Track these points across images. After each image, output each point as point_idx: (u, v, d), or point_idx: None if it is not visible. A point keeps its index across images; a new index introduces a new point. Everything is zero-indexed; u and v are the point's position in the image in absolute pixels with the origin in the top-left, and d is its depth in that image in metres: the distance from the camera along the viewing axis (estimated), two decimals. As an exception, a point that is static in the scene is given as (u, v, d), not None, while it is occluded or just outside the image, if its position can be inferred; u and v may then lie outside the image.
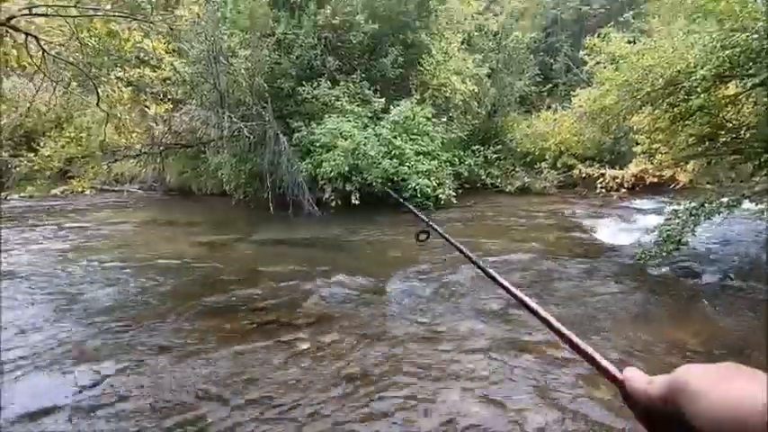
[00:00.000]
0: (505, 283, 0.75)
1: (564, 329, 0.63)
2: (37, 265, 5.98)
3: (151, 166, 12.68)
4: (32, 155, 11.10)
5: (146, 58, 7.58)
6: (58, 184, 12.88)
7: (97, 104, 4.07)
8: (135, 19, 3.41)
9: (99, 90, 3.76)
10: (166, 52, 5.62)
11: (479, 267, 0.85)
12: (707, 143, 5.81)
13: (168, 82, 8.60)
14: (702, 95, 5.00)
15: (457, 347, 3.70)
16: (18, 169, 10.87)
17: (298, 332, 3.96)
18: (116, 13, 3.07)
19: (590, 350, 0.60)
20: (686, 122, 5.51)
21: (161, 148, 11.30)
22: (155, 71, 7.56)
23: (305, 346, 3.72)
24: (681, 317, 4.39)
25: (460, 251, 0.99)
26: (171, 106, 9.15)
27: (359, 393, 3.09)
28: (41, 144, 11.41)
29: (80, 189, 13.28)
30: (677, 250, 5.08)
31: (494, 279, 0.79)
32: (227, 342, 3.79)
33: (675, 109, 5.31)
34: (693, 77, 4.52)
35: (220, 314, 4.39)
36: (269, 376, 3.28)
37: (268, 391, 3.10)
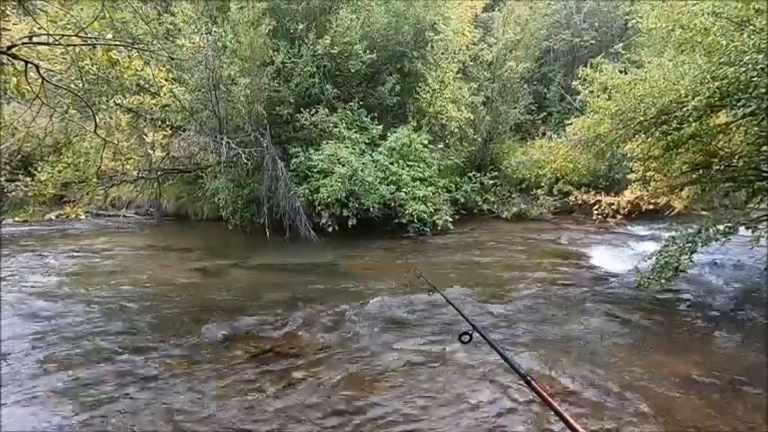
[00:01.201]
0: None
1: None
2: (25, 292, 5.86)
3: (148, 192, 12.69)
4: (29, 179, 11.11)
5: (146, 85, 7.69)
6: (54, 208, 12.81)
7: (94, 131, 4.08)
8: (137, 48, 3.47)
9: (97, 117, 3.78)
10: (166, 80, 5.70)
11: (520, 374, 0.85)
12: (700, 171, 5.88)
13: (167, 109, 8.70)
14: (694, 124, 5.08)
15: (459, 375, 3.61)
16: (13, 194, 10.84)
17: (293, 361, 3.86)
18: (118, 43, 3.12)
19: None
20: (679, 150, 5.59)
21: (158, 173, 11.33)
22: (154, 98, 7.66)
23: (299, 375, 3.61)
24: (680, 346, 4.32)
25: (503, 357, 0.98)
26: (169, 132, 9.24)
27: (355, 424, 2.98)
28: (38, 169, 11.45)
29: (75, 215, 13.24)
30: (675, 277, 5.05)
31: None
32: (220, 371, 3.68)
33: (668, 137, 5.39)
34: (685, 108, 4.61)
35: (213, 343, 4.28)
36: (262, 407, 3.17)
37: (261, 422, 2.99)
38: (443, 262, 7.60)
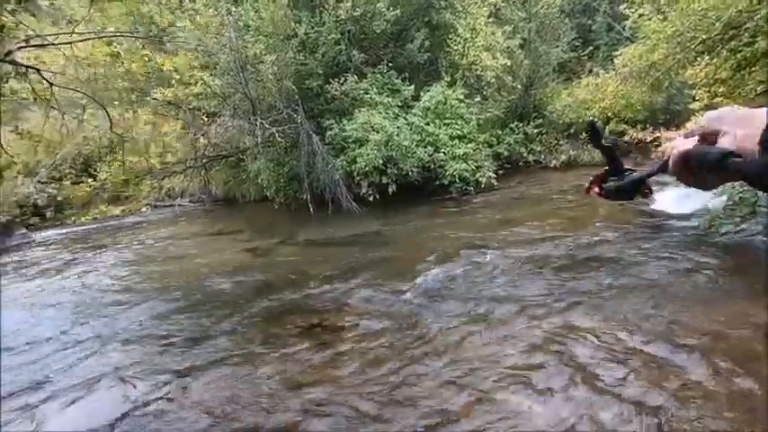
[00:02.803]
0: None
1: None
2: (92, 282, 6.37)
3: (197, 179, 13.25)
4: (91, 180, 11.93)
5: (177, 77, 7.83)
6: (118, 204, 13.76)
7: (110, 129, 4.20)
8: (135, 37, 3.45)
9: (110, 115, 3.87)
10: (193, 68, 5.75)
11: None
12: (780, 89, 5.11)
13: (200, 96, 8.84)
14: (771, 35, 4.36)
15: (509, 342, 3.48)
16: (80, 194, 11.75)
17: (340, 335, 3.91)
18: (116, 34, 3.11)
19: None
20: (753, 68, 4.86)
21: (204, 160, 11.73)
22: (187, 87, 7.81)
23: (346, 347, 3.65)
24: (760, 291, 3.89)
25: None
26: (206, 119, 9.43)
27: (404, 394, 2.98)
28: (97, 170, 12.27)
29: (137, 208, 14.14)
30: (752, 214, 4.52)
31: None
32: (271, 346, 3.81)
33: (738, 55, 4.69)
34: (758, 15, 3.94)
35: (266, 320, 4.43)
36: (312, 379, 3.25)
37: (312, 395, 3.06)
38: (489, 221, 7.34)
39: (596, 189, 0.72)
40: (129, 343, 4.27)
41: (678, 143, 0.64)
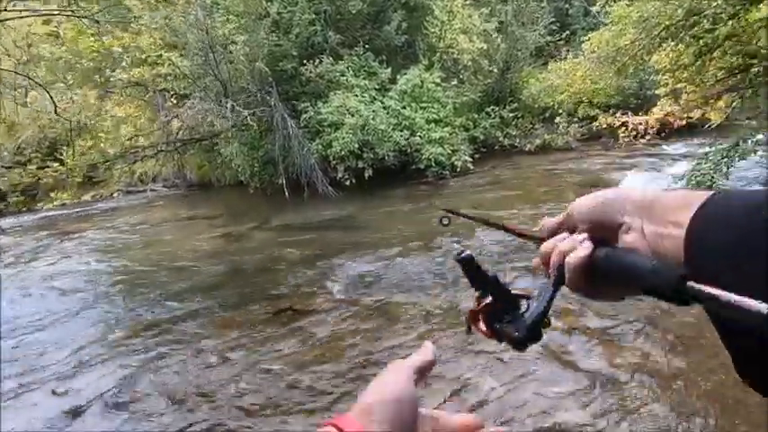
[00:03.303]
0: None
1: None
2: (63, 269, 6.23)
3: (171, 164, 12.94)
4: (57, 164, 11.52)
5: (143, 56, 7.57)
6: (86, 190, 13.36)
7: (55, 112, 4.06)
8: (75, 16, 3.32)
9: (54, 98, 3.74)
10: (159, 47, 5.57)
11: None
12: (738, 75, 5.28)
13: (168, 78, 8.58)
14: (730, 22, 4.49)
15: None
16: (46, 180, 11.34)
17: (311, 318, 3.95)
18: (56, 12, 2.98)
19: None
20: (713, 55, 5.00)
21: (176, 144, 11.45)
22: (154, 68, 7.56)
23: (316, 330, 3.70)
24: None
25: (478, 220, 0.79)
26: (175, 101, 9.18)
27: (373, 374, 3.05)
28: (64, 154, 11.84)
29: (108, 193, 13.77)
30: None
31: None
32: (244, 331, 3.82)
33: (700, 41, 4.81)
34: (717, 2, 4.04)
35: (237, 305, 4.43)
36: (284, 364, 3.29)
37: (284, 379, 3.11)
38: (464, 205, 7.42)
39: (482, 327, 0.53)
40: (97, 328, 4.22)
41: (565, 246, 0.48)
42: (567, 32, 14.77)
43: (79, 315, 4.64)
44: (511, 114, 11.59)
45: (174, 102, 9.13)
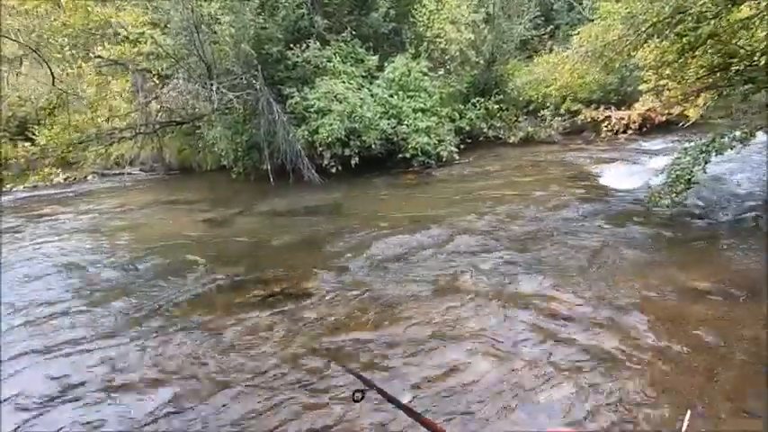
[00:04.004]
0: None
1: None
2: (43, 252, 6.02)
3: (149, 147, 12.56)
4: (28, 144, 11.04)
5: (125, 33, 7.29)
6: (59, 172, 12.88)
7: (53, 84, 3.91)
8: None
9: (51, 69, 3.59)
10: (142, 24, 5.38)
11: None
12: (718, 74, 5.48)
13: (151, 56, 8.31)
14: (713, 21, 4.64)
15: (462, 307, 3.66)
16: (15, 161, 10.86)
17: (300, 302, 3.96)
18: None
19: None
20: (695, 53, 5.17)
21: (156, 126, 11.12)
22: (135, 46, 7.29)
23: (307, 314, 3.71)
24: (693, 259, 4.28)
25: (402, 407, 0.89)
26: (157, 82, 8.90)
27: (366, 356, 3.10)
28: (36, 133, 11.35)
29: (81, 176, 13.29)
30: (688, 189, 4.90)
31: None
32: (232, 316, 3.80)
33: (684, 39, 4.96)
34: (702, 2, 4.18)
35: (225, 289, 4.40)
36: (274, 348, 3.30)
37: (274, 362, 3.12)
38: (449, 194, 7.51)
39: None
40: (79, 312, 4.12)
41: None
42: (552, 27, 14.96)
43: (56, 297, 4.52)
44: (496, 106, 11.69)
45: (156, 82, 8.83)
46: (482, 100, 11.77)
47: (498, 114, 11.79)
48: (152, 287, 4.60)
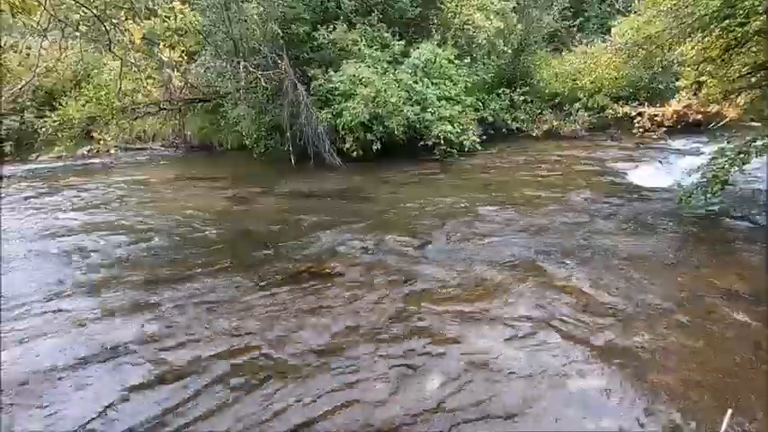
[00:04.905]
0: None
1: None
2: (63, 226, 6.14)
3: (171, 123, 12.65)
4: (55, 115, 11.18)
5: (155, 7, 7.27)
6: (84, 143, 13.05)
7: (110, 49, 3.92)
8: None
9: (110, 34, 3.60)
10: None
11: None
12: (761, 72, 5.30)
13: (180, 33, 8.29)
14: (763, 17, 4.47)
15: (492, 295, 3.65)
16: (44, 130, 11.03)
17: (326, 281, 3.98)
18: None
19: None
20: (741, 50, 4.99)
21: (179, 103, 11.18)
22: (165, 22, 7.27)
23: (334, 293, 3.74)
24: (724, 260, 4.20)
25: None
26: (186, 58, 8.89)
27: (389, 337, 3.11)
28: (63, 104, 11.49)
29: (105, 149, 13.45)
30: (722, 190, 4.78)
31: None
32: (259, 292, 3.84)
33: (730, 34, 4.79)
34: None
35: (251, 264, 4.44)
36: (301, 323, 3.33)
37: (301, 338, 3.15)
38: (473, 184, 7.45)
39: None
40: (108, 282, 4.20)
41: None
42: (581, 19, 14.60)
43: (84, 266, 4.61)
44: (521, 98, 11.50)
45: (185, 58, 8.84)
46: (507, 91, 11.59)
47: (522, 107, 11.61)
48: (176, 258, 4.67)
